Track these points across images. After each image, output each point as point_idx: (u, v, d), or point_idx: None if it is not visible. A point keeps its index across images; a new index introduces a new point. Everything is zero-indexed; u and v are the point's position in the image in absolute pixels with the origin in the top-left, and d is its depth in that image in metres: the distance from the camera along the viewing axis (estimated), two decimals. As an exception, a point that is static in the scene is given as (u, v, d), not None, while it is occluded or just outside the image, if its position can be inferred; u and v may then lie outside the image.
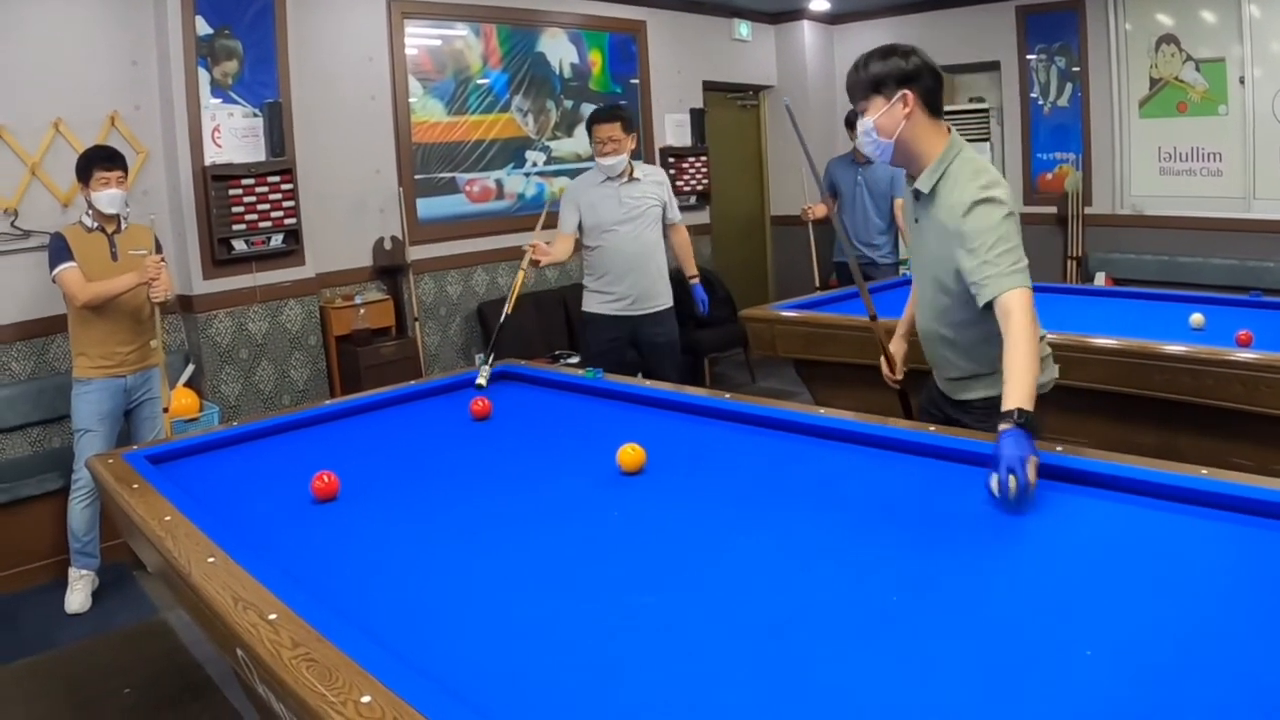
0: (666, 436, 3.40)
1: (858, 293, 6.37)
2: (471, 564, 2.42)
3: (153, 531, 2.71)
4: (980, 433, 2.97)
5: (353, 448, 3.66)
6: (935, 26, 9.89)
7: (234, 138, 6.41)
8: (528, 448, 3.48)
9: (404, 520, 2.77)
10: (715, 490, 2.83)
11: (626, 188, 5.96)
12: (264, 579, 2.27)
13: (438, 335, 7.87)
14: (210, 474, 3.45)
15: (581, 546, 2.48)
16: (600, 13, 8.87)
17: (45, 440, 6.07)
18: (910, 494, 2.68)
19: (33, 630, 5.03)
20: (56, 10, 6.01)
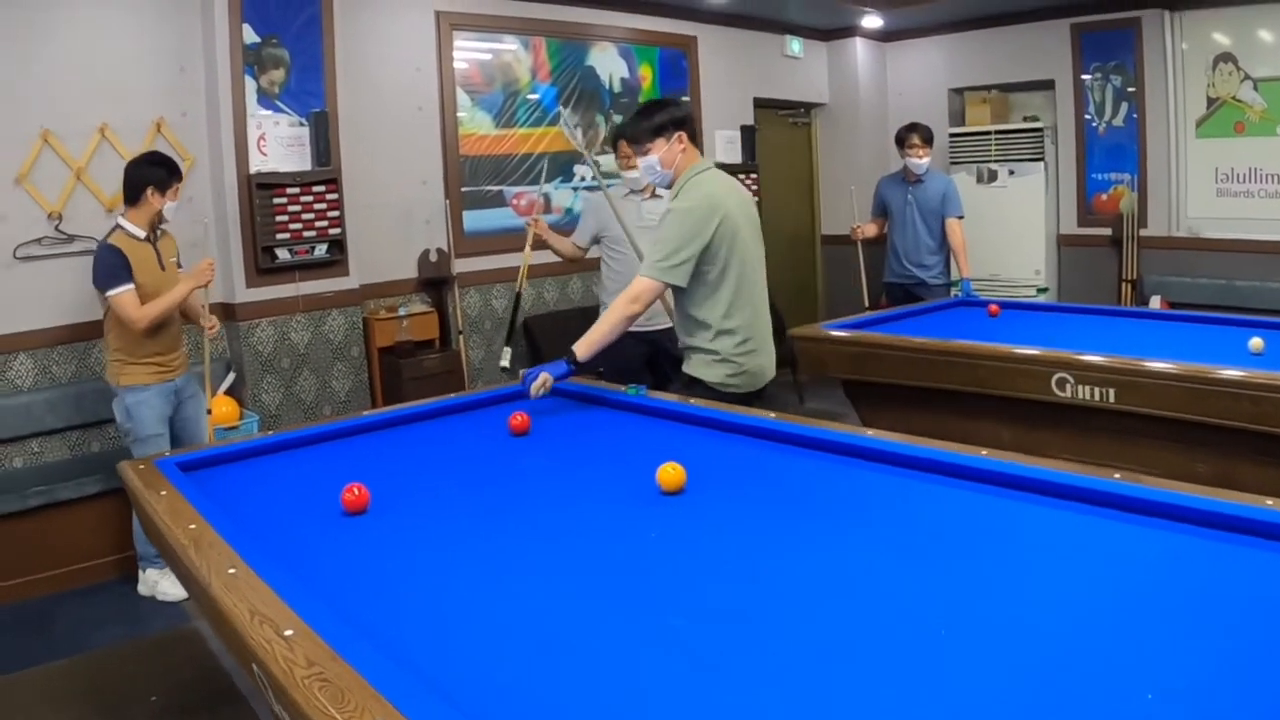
0: (708, 456, 3.30)
1: (908, 314, 6.38)
2: (499, 582, 2.32)
3: (176, 540, 2.66)
4: (1044, 459, 2.82)
5: (388, 460, 3.59)
6: (989, 44, 9.79)
7: (280, 146, 6.38)
8: (566, 465, 3.38)
9: (434, 536, 2.68)
10: (756, 512, 2.73)
11: (648, 203, 6.01)
12: (284, 593, 2.19)
13: (482, 349, 7.80)
14: (241, 483, 3.40)
15: (615, 567, 2.38)
16: (651, 27, 8.80)
17: (84, 444, 6.07)
18: (961, 521, 2.56)
19: (64, 634, 5.01)
20: (104, 16, 6.02)
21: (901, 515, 2.63)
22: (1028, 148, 9.41)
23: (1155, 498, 2.42)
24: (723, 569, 2.33)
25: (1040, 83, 9.67)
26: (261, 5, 6.23)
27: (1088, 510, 2.47)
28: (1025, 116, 9.79)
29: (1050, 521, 2.47)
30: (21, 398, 5.83)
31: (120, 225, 5.27)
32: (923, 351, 5.24)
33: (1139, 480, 2.52)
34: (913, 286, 7.56)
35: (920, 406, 5.32)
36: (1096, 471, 2.57)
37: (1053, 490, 2.59)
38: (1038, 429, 4.83)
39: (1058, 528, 2.41)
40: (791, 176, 10.69)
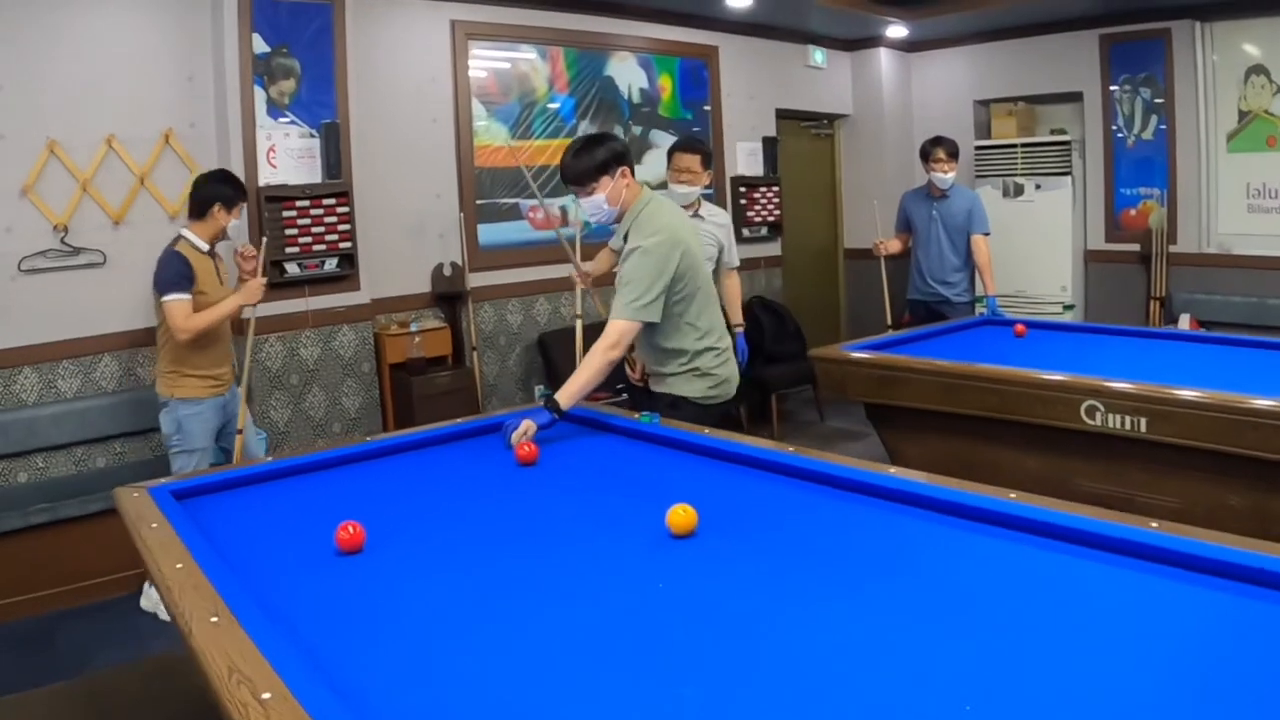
0: (723, 492, 3.15)
1: (932, 333, 6.24)
2: (494, 641, 2.17)
3: (162, 580, 2.54)
4: (1077, 506, 2.63)
5: (389, 491, 3.47)
6: (1015, 55, 9.63)
7: (290, 158, 6.27)
8: (573, 500, 3.23)
9: (428, 581, 2.54)
10: (772, 560, 2.56)
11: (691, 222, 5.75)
12: (266, 646, 2.05)
13: (496, 365, 7.67)
14: (236, 513, 3.28)
15: (619, 623, 2.22)
16: (671, 37, 8.67)
17: (89, 460, 5.98)
18: (987, 575, 2.38)
19: (66, 654, 4.93)
20: (111, 25, 5.93)
21: (926, 567, 2.46)
22: (1055, 161, 9.24)
23: (1198, 551, 2.25)
24: (733, 627, 2.17)
25: (1068, 95, 9.48)
26: (271, 14, 6.12)
27: (1124, 563, 2.31)
28: (1052, 129, 9.61)
29: (1085, 576, 2.30)
30: (26, 412, 5.75)
31: (184, 235, 5.33)
32: (946, 375, 5.08)
33: (1178, 531, 2.35)
34: (937, 304, 7.40)
35: (944, 431, 5.16)
36: (1132, 520, 2.41)
37: (1087, 540, 2.42)
38: (1066, 457, 4.66)
39: (1093, 584, 2.24)
40: (814, 189, 10.54)
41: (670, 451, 3.72)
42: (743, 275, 6.65)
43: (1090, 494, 4.47)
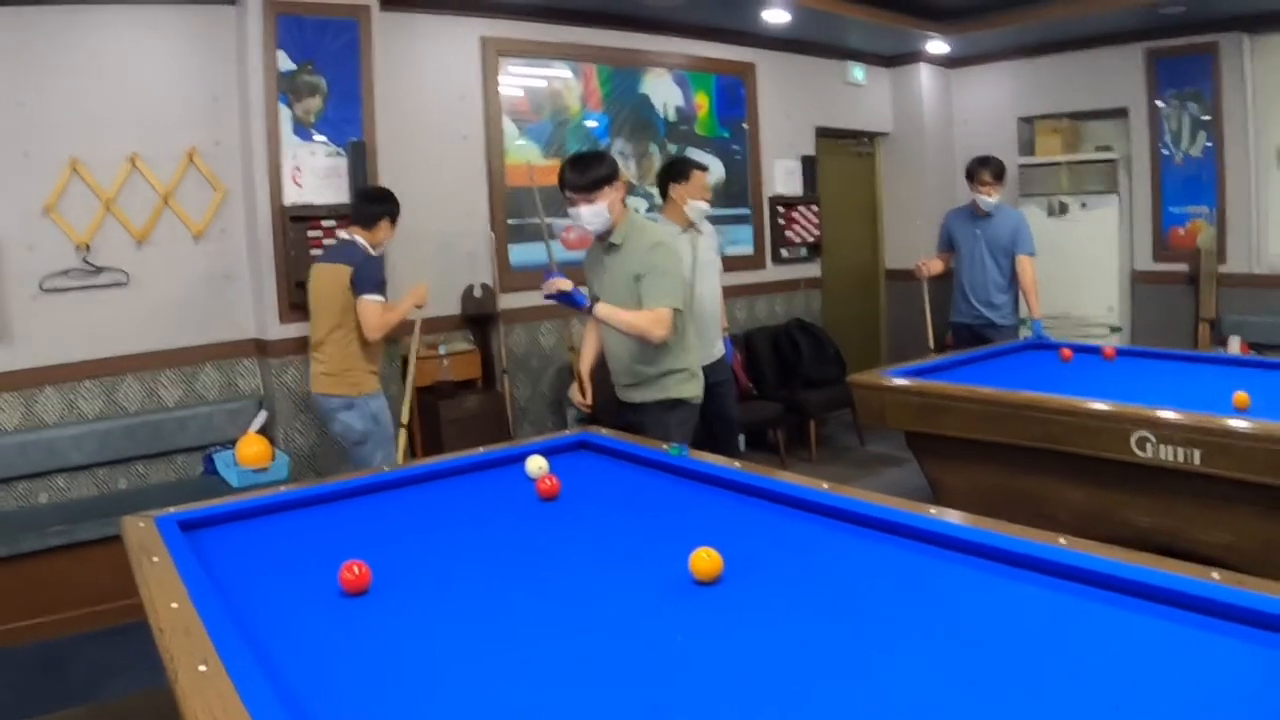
0: (751, 532, 2.99)
1: (975, 358, 6.08)
2: (490, 696, 2.02)
3: (155, 620, 2.40)
4: (1131, 554, 2.42)
5: (403, 525, 3.33)
6: (1059, 70, 9.46)
7: (315, 177, 6.16)
8: (593, 538, 3.07)
9: (432, 628, 2.39)
10: (800, 611, 2.38)
11: (699, 239, 5.92)
12: (251, 701, 1.90)
13: (528, 389, 7.54)
14: (243, 547, 3.15)
15: (633, 680, 2.06)
16: (707, 53, 8.54)
17: (111, 481, 5.94)
18: (1033, 629, 2.19)
19: (79, 679, 4.83)
20: (135, 44, 5.91)
21: (963, 618, 2.28)
22: (1100, 179, 9.06)
23: (1264, 607, 2.07)
24: (753, 687, 2.00)
25: (1113, 111, 9.29)
26: (297, 31, 6.02)
27: (1182, 619, 2.12)
28: (1098, 146, 9.42)
29: (1142, 633, 2.11)
30: (46, 433, 5.74)
31: (360, 241, 5.52)
32: (988, 404, 4.90)
33: (1242, 583, 2.16)
34: (981, 328, 7.21)
35: (986, 460, 4.99)
36: (1192, 571, 2.22)
37: (1142, 592, 2.24)
38: (1115, 490, 4.47)
39: (1151, 642, 2.06)
40: (854, 208, 10.37)
41: (698, 486, 3.55)
42: (781, 297, 6.57)
43: (1137, 528, 4.31)
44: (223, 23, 6.11)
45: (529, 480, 3.60)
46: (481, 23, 7.22)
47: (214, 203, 6.11)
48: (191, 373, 6.17)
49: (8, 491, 5.66)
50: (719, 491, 3.46)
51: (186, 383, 6.16)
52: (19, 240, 5.60)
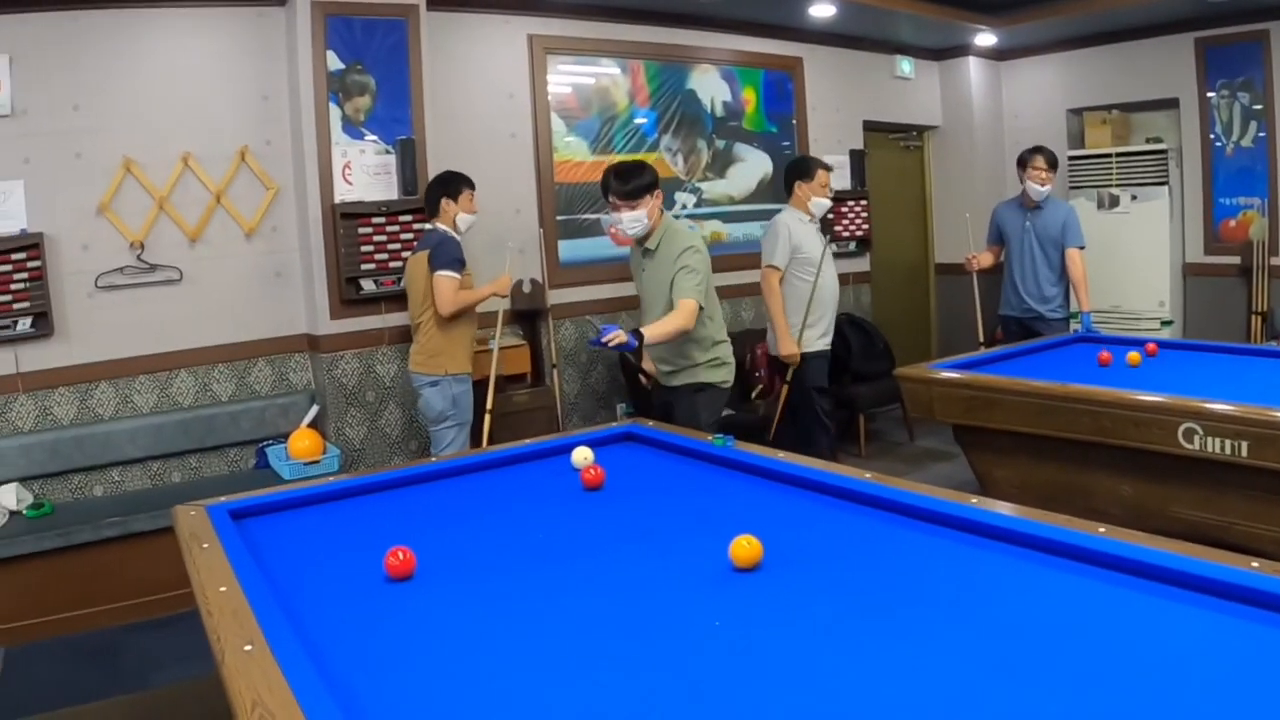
0: (793, 521, 3.00)
1: (1023, 351, 6.08)
2: (530, 678, 2.05)
3: (203, 603, 2.48)
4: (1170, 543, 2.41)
5: (449, 514, 3.38)
6: (1108, 61, 9.35)
7: (365, 175, 6.23)
8: (635, 528, 3.09)
9: (474, 612, 2.43)
10: (838, 599, 2.38)
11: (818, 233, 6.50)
12: (296, 680, 1.95)
13: (577, 383, 7.58)
14: (291, 535, 3.22)
15: (670, 664, 2.08)
16: (754, 48, 8.54)
17: (164, 474, 6.04)
18: (1075, 619, 2.17)
19: (130, 667, 4.91)
20: (187, 45, 6.00)
21: (1006, 609, 2.27)
22: (1151, 171, 8.96)
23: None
24: (789, 672, 2.01)
25: (1163, 101, 9.18)
26: (346, 31, 6.09)
27: (1224, 608, 2.11)
28: (1148, 138, 9.32)
29: (1182, 622, 2.10)
30: (102, 427, 5.84)
31: (437, 227, 5.78)
32: (1036, 397, 4.87)
33: (1280, 572, 2.16)
34: (1030, 321, 7.17)
35: (1034, 454, 4.96)
36: (1231, 560, 2.21)
37: (1182, 581, 2.23)
38: (1162, 483, 4.44)
39: (1191, 631, 2.04)
40: (903, 202, 10.33)
41: (741, 476, 3.57)
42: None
43: (1187, 522, 4.28)
44: (272, 24, 6.19)
45: (574, 471, 3.63)
46: (529, 21, 7.26)
47: (265, 201, 6.20)
48: (244, 368, 6.26)
49: (64, 484, 5.77)
50: (763, 482, 3.47)
51: (239, 377, 6.25)
52: (74, 239, 5.71)
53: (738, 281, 8.26)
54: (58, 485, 5.76)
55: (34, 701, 4.54)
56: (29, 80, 5.60)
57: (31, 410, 5.69)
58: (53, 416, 5.74)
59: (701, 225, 8.22)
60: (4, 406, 5.64)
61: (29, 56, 5.60)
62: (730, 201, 8.43)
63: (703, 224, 8.24)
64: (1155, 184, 8.89)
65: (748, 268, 8.27)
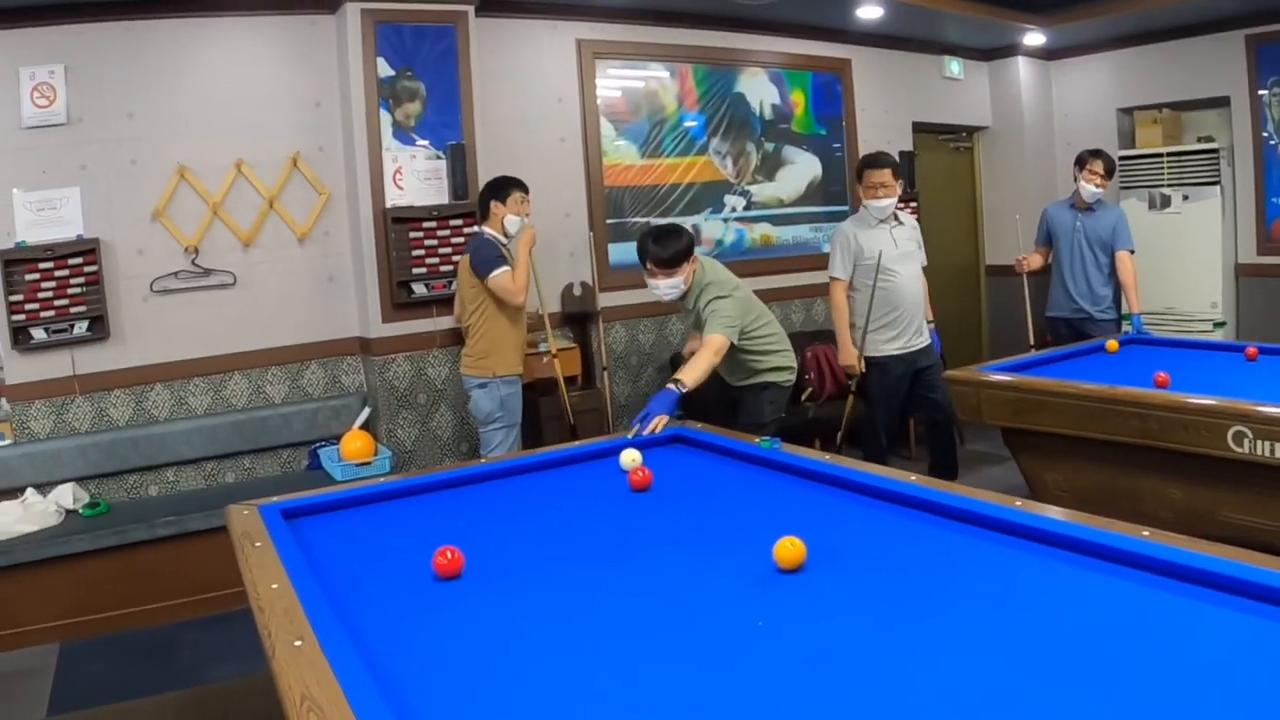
0: (838, 524, 3.01)
1: (1072, 354, 6.05)
2: (576, 676, 2.08)
3: (255, 600, 2.53)
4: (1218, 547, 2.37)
5: (498, 514, 3.42)
6: (1158, 59, 9.26)
7: (416, 180, 6.30)
8: (681, 529, 3.12)
9: (521, 611, 2.46)
10: (882, 600, 2.39)
11: (897, 230, 6.37)
12: (344, 675, 1.99)
13: (628, 386, 7.61)
14: (342, 535, 3.27)
15: (715, 665, 2.09)
16: (803, 51, 8.53)
17: (218, 475, 6.14)
18: (1128, 621, 2.16)
19: (184, 664, 5.00)
20: (240, 53, 6.10)
21: (1051, 614, 2.24)
22: (1202, 170, 8.86)
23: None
24: (829, 674, 2.02)
25: (1214, 100, 9.07)
26: (396, 38, 6.16)
27: (1273, 614, 2.09)
28: (1199, 137, 9.23)
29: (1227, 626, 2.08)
30: (157, 428, 5.96)
31: (483, 232, 5.86)
32: (1084, 399, 4.84)
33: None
34: (1080, 322, 7.13)
35: (1083, 457, 4.93)
36: (1275, 564, 2.21)
37: (1228, 585, 2.21)
38: (1211, 487, 4.40)
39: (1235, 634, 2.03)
40: (954, 204, 10.28)
41: (787, 478, 3.59)
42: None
43: (1235, 526, 4.24)
44: (323, 32, 6.27)
45: (622, 473, 3.67)
46: (577, 26, 7.30)
47: (317, 206, 6.28)
48: (297, 370, 6.35)
49: (119, 484, 5.89)
50: (809, 484, 3.48)
51: (292, 380, 6.33)
52: (130, 244, 5.83)
53: (787, 285, 8.29)
54: (113, 485, 5.87)
55: (89, 697, 4.63)
56: (84, 89, 5.73)
57: (88, 412, 5.81)
58: (109, 418, 5.85)
59: (751, 228, 8.26)
60: (61, 408, 5.75)
61: (84, 66, 5.72)
62: (779, 204, 8.43)
63: (752, 227, 8.26)
64: (1207, 184, 8.80)
65: (797, 270, 8.33)
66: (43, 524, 5.40)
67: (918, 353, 6.42)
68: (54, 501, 5.55)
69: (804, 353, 7.56)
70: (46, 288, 5.62)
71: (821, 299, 8.37)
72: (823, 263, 6.79)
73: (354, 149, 6.19)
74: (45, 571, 5.24)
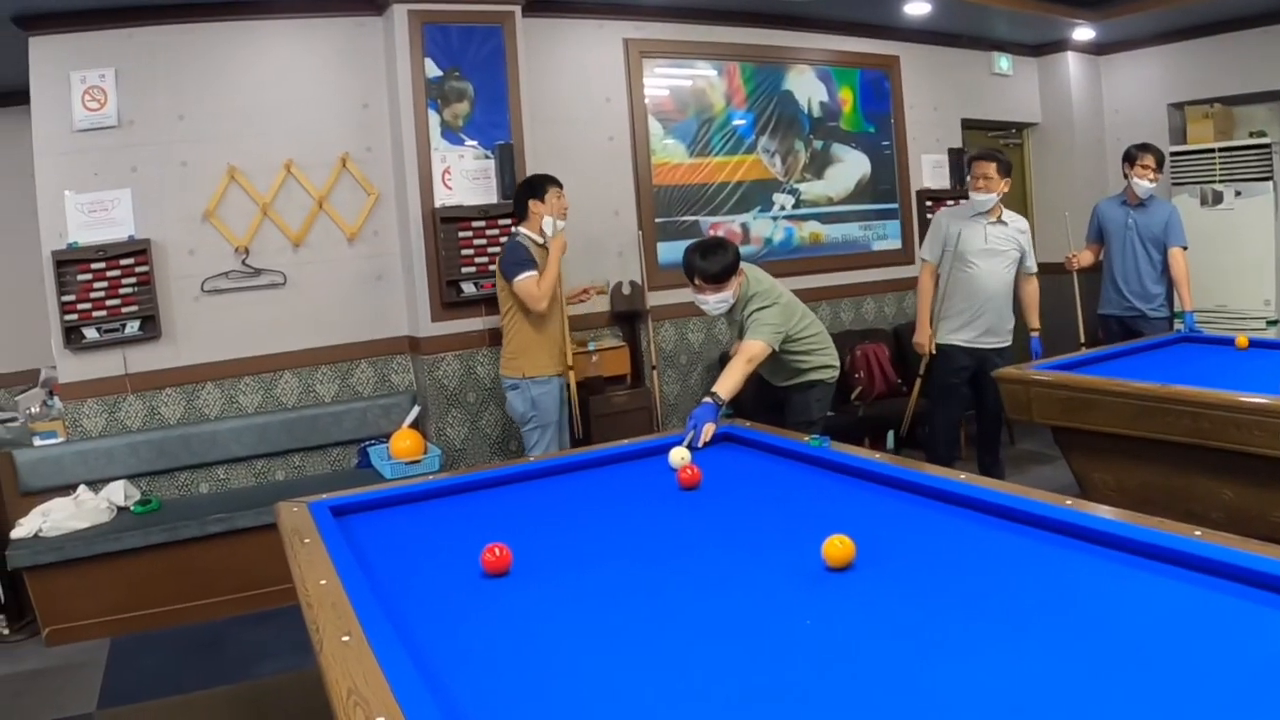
0: (887, 522, 3.00)
1: (1124, 352, 5.99)
2: (622, 673, 2.08)
3: (304, 595, 2.56)
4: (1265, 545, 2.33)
5: (546, 512, 3.44)
6: (1209, 54, 9.14)
7: (464, 179, 6.33)
8: (730, 528, 3.11)
9: (568, 608, 2.47)
10: (931, 599, 2.37)
11: (994, 227, 6.45)
12: (391, 670, 2.00)
13: (677, 385, 7.61)
14: (391, 532, 3.30)
15: (763, 663, 2.08)
16: (850, 48, 8.49)
17: (268, 473, 6.20)
18: (1177, 622, 2.13)
19: (234, 659, 5.04)
20: (288, 55, 6.17)
21: (1103, 613, 2.22)
22: (1255, 166, 8.72)
23: None
24: (876, 673, 2.00)
25: (1267, 94, 8.95)
26: (443, 39, 6.20)
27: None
28: (1251, 131, 9.09)
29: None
30: (208, 426, 6.02)
31: (520, 232, 5.83)
32: (1135, 398, 4.78)
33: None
34: (1131, 319, 7.06)
35: (1134, 456, 4.87)
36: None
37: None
38: (1264, 486, 4.32)
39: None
40: (1004, 201, 10.14)
41: (836, 477, 3.58)
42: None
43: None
44: (371, 33, 6.32)
45: (671, 471, 3.67)
46: (624, 25, 7.30)
47: (367, 206, 6.33)
48: (347, 369, 6.40)
49: (170, 481, 5.96)
50: (857, 482, 3.47)
51: (342, 379, 6.38)
52: (181, 245, 5.91)
53: (838, 283, 8.27)
54: (165, 482, 5.95)
55: (139, 690, 4.69)
56: (135, 92, 5.81)
57: (140, 410, 5.87)
58: (160, 416, 5.92)
59: (800, 226, 8.22)
60: (113, 406, 5.83)
61: (135, 69, 5.80)
62: (828, 202, 8.39)
63: (801, 225, 8.22)
64: (1259, 179, 8.68)
65: (846, 269, 8.29)
66: (94, 521, 5.48)
67: (987, 351, 6.48)
68: (106, 498, 5.63)
69: (853, 351, 7.54)
70: (98, 288, 5.70)
71: (872, 297, 8.39)
72: (871, 261, 6.81)
73: (402, 149, 6.23)
74: (97, 567, 5.32)
